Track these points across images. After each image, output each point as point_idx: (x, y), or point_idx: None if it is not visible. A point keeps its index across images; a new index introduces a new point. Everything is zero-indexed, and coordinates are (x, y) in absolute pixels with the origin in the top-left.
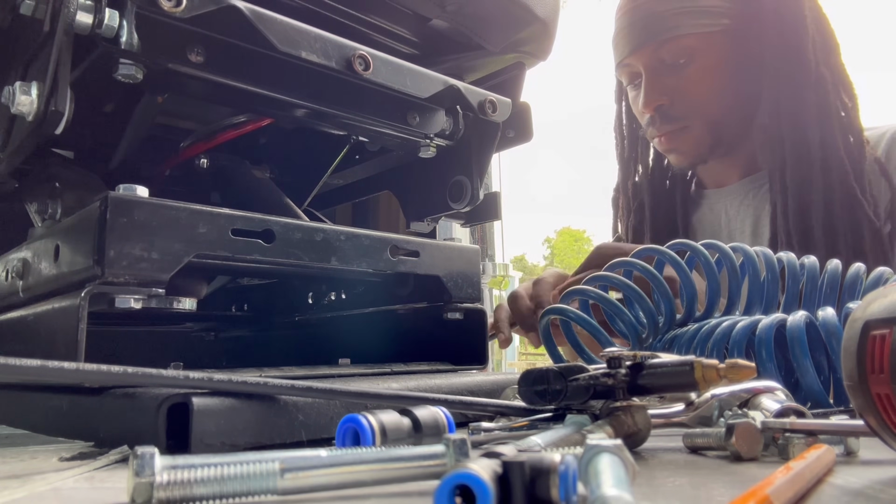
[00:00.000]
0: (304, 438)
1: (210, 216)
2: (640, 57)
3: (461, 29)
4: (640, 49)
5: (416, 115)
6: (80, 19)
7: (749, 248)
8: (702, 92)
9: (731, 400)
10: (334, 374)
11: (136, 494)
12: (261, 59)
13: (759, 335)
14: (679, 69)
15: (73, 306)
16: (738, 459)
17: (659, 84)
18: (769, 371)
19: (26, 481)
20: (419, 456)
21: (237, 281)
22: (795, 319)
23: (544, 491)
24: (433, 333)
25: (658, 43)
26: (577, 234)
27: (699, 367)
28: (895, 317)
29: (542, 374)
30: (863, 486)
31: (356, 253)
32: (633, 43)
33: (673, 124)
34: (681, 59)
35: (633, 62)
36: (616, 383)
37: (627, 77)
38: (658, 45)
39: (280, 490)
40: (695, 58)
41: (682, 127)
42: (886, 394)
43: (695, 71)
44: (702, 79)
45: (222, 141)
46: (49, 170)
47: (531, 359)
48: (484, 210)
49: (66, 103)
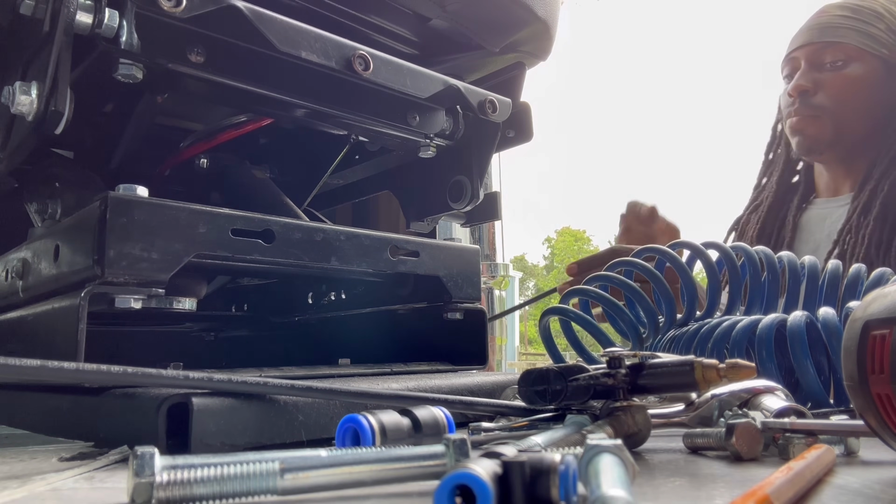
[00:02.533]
0: (304, 438)
1: (210, 216)
2: (805, 51)
3: (461, 29)
4: (808, 45)
5: (416, 115)
6: (80, 19)
7: (750, 248)
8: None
9: (731, 400)
10: (334, 374)
11: (136, 494)
12: (261, 59)
13: (759, 335)
14: (832, 69)
15: (72, 306)
16: (738, 459)
17: (810, 74)
18: (769, 371)
19: (26, 481)
20: (419, 456)
21: (237, 281)
22: (795, 319)
23: (544, 491)
24: (433, 333)
25: (825, 43)
26: (578, 234)
27: (699, 367)
28: (895, 317)
29: (543, 374)
30: (863, 486)
31: (356, 253)
32: (804, 39)
33: (808, 110)
34: (838, 61)
35: (799, 55)
36: (616, 383)
37: (789, 68)
38: (823, 45)
39: (280, 490)
40: (848, 64)
41: (815, 115)
42: (886, 394)
43: (843, 75)
44: (846, 84)
45: (222, 141)
46: (49, 170)
47: (531, 359)
48: (484, 210)
49: (66, 103)
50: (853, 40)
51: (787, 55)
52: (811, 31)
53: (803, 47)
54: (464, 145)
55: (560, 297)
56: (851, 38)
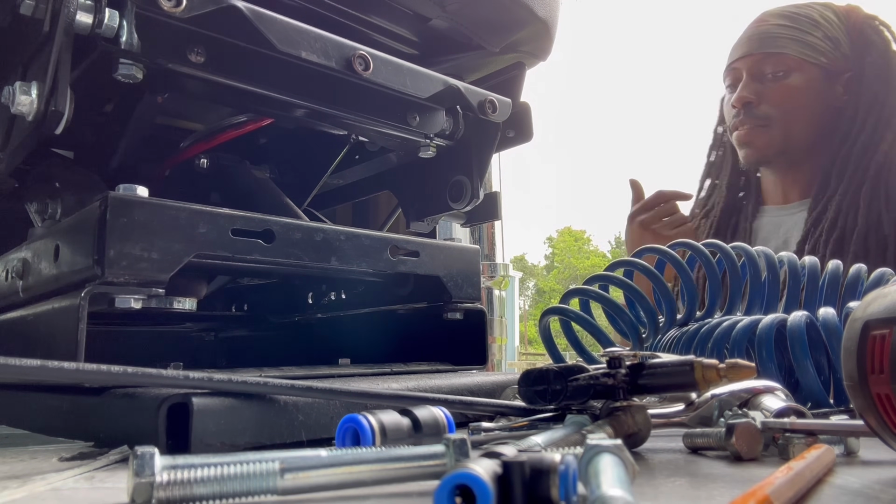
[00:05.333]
0: (304, 438)
1: (210, 216)
2: (746, 61)
3: (461, 29)
4: (749, 56)
5: (416, 115)
6: (80, 19)
7: (750, 248)
8: (785, 102)
9: (731, 400)
10: (334, 374)
11: (136, 494)
12: (261, 59)
13: (759, 335)
14: (774, 80)
15: (73, 306)
16: (738, 459)
17: (753, 86)
18: (769, 371)
19: (26, 481)
20: (419, 456)
21: (237, 281)
22: (795, 319)
23: (544, 491)
24: (433, 333)
25: (765, 54)
26: (578, 234)
27: (699, 367)
28: (895, 317)
29: (542, 373)
30: (863, 486)
31: (356, 253)
32: (745, 50)
33: (754, 120)
34: (779, 72)
35: (740, 66)
36: (616, 383)
37: (731, 79)
38: (764, 56)
39: (280, 490)
40: (789, 74)
41: (762, 125)
42: (886, 394)
43: (785, 84)
44: (788, 92)
45: (222, 141)
46: (49, 170)
47: (531, 359)
48: (484, 210)
49: (66, 103)
50: (792, 50)
51: (729, 65)
52: (751, 41)
53: (744, 58)
54: (464, 145)
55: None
56: (791, 49)
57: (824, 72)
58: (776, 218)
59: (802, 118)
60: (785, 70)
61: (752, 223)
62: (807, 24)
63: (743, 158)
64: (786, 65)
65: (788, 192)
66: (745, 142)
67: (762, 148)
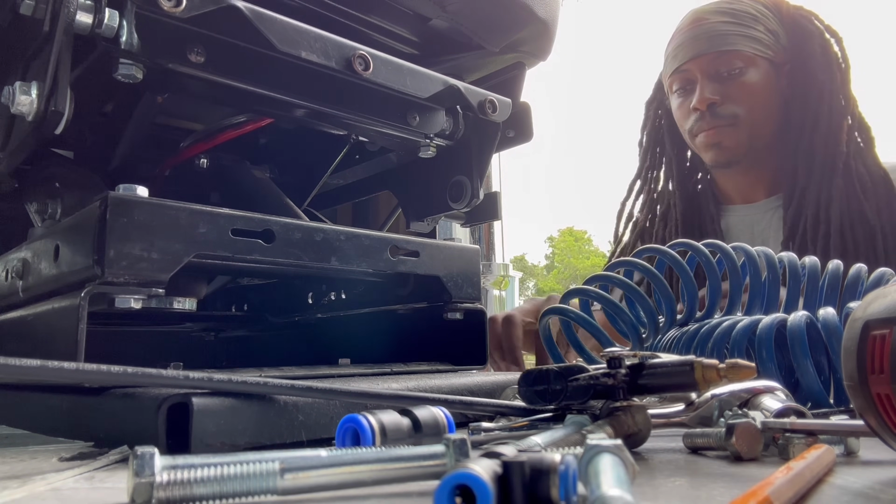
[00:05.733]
0: (304, 438)
1: (210, 216)
2: (699, 63)
3: (461, 29)
4: (700, 57)
5: (416, 115)
6: (80, 19)
7: (750, 248)
8: (747, 99)
9: (731, 400)
10: (334, 374)
11: (136, 494)
12: (261, 59)
13: (759, 335)
14: (731, 78)
15: (72, 306)
16: (738, 459)
17: (713, 86)
18: (769, 371)
19: (26, 481)
20: (419, 456)
21: (237, 281)
22: (796, 319)
23: (544, 491)
24: (433, 333)
25: (717, 53)
26: (579, 234)
27: (699, 367)
28: (895, 317)
29: (542, 374)
30: (863, 487)
31: (356, 253)
32: (694, 51)
33: (721, 120)
34: (734, 69)
35: (692, 67)
36: (616, 383)
37: (680, 82)
38: (717, 55)
39: (280, 490)
40: (745, 71)
41: (730, 123)
42: (886, 394)
43: (744, 82)
44: (748, 89)
45: (222, 141)
46: (49, 170)
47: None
48: (484, 210)
49: (66, 103)
50: (744, 46)
51: (677, 69)
52: (698, 41)
53: (696, 59)
54: (464, 145)
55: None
56: (742, 45)
57: (772, 65)
58: (746, 217)
59: (764, 114)
60: (741, 67)
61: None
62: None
63: (710, 161)
64: (740, 62)
65: (752, 189)
66: (713, 143)
67: (732, 148)
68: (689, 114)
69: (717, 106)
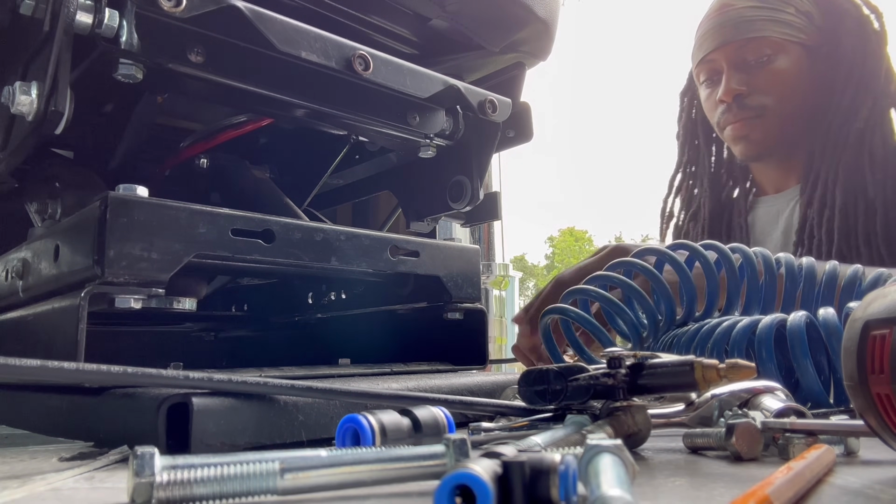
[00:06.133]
0: (304, 438)
1: (210, 216)
2: (724, 52)
3: (461, 29)
4: (726, 45)
5: (416, 115)
6: (80, 19)
7: (748, 249)
8: (777, 88)
9: (731, 400)
10: (334, 374)
11: (136, 494)
12: (261, 59)
13: (758, 335)
14: (759, 66)
15: (72, 306)
16: (738, 459)
17: (739, 76)
18: (769, 371)
19: (26, 481)
20: (419, 456)
21: (237, 281)
22: (795, 319)
23: (544, 491)
24: (433, 333)
25: (744, 41)
26: (579, 234)
27: (699, 367)
28: (895, 317)
29: (542, 374)
30: (863, 487)
31: (356, 253)
32: (720, 40)
33: (748, 112)
34: (762, 57)
35: (717, 57)
36: (616, 383)
37: (707, 73)
38: (744, 42)
39: (280, 490)
40: (774, 58)
41: (757, 115)
42: (887, 394)
43: (772, 69)
44: (778, 77)
45: (222, 141)
46: (49, 170)
47: None
48: (484, 210)
49: (66, 103)
50: (772, 32)
51: (703, 59)
52: (724, 29)
53: (721, 48)
54: (464, 145)
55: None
56: (770, 31)
57: (805, 49)
58: (772, 207)
59: (795, 102)
60: (769, 54)
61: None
62: (777, 1)
63: (740, 154)
64: (769, 48)
65: (786, 178)
66: (741, 136)
67: (760, 140)
68: (717, 105)
69: (743, 97)
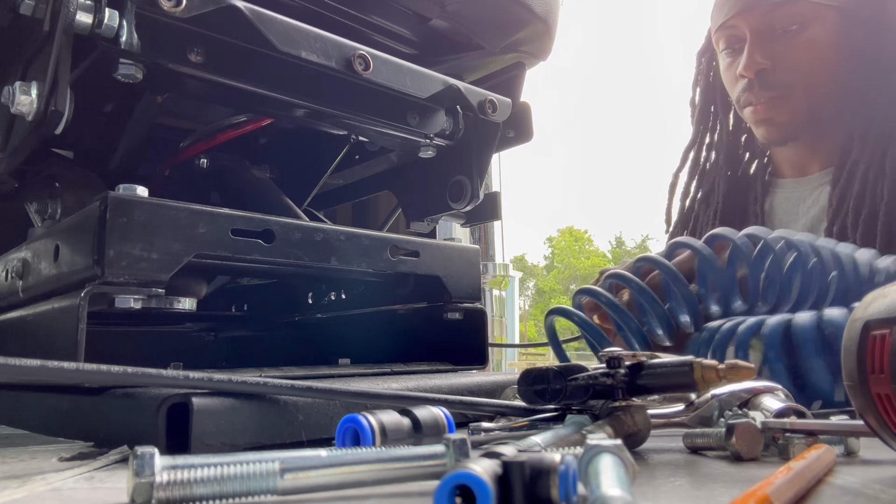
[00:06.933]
0: (304, 438)
1: (210, 216)
2: (748, 18)
3: (461, 29)
4: (751, 10)
5: (415, 115)
6: (79, 19)
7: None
8: (808, 62)
9: (731, 400)
10: (334, 374)
11: (136, 494)
12: (261, 59)
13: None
14: (788, 36)
15: (72, 306)
16: (738, 459)
17: (764, 47)
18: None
19: (26, 481)
20: (419, 456)
21: (237, 281)
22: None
23: (544, 491)
24: (433, 333)
25: (772, 6)
26: (579, 234)
27: (698, 367)
28: (895, 317)
29: (542, 373)
30: (863, 486)
31: (356, 253)
32: (743, 3)
33: (772, 91)
34: (792, 25)
35: (739, 23)
36: (615, 383)
37: (726, 41)
38: (771, 7)
39: (280, 490)
40: (806, 27)
41: (782, 95)
42: (887, 394)
43: (804, 40)
44: (810, 49)
45: (222, 141)
46: (49, 170)
47: (531, 359)
48: (484, 210)
49: (66, 103)
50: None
51: (723, 24)
52: None
53: (744, 13)
54: (464, 145)
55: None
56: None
57: (842, 14)
58: (794, 193)
59: (828, 79)
60: (800, 22)
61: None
62: None
63: (762, 138)
64: (800, 15)
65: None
66: (765, 118)
67: (786, 124)
68: (737, 80)
69: (768, 73)
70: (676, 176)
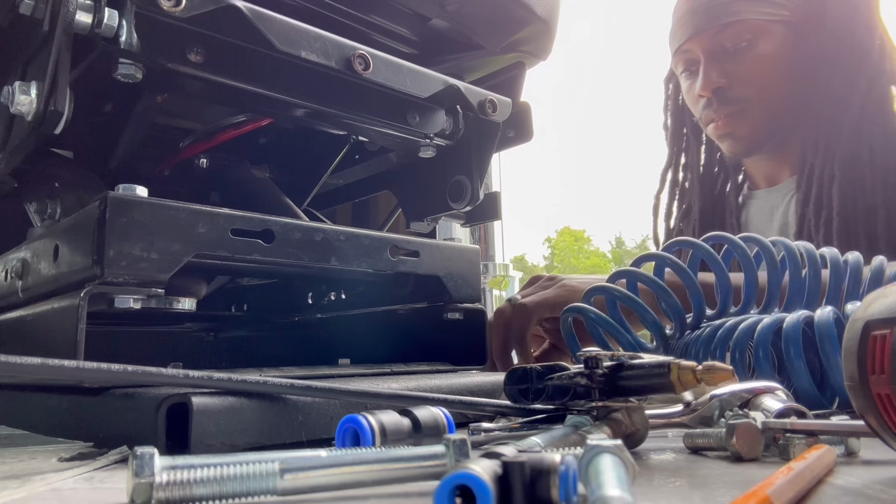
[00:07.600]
0: (304, 438)
1: (210, 216)
2: (699, 41)
3: (461, 29)
4: (701, 33)
5: (416, 114)
6: (79, 19)
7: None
8: (761, 76)
9: (731, 400)
10: (334, 374)
11: (135, 495)
12: (261, 59)
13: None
14: (739, 54)
15: (72, 306)
16: (738, 460)
17: (718, 67)
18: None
19: (26, 481)
20: (419, 456)
21: (237, 281)
22: (823, 315)
23: (544, 491)
24: (433, 333)
25: (720, 27)
26: (578, 233)
27: (675, 368)
28: (895, 317)
29: (526, 372)
30: (863, 487)
31: (356, 253)
32: (693, 27)
33: (731, 106)
34: (742, 42)
35: (692, 47)
36: (592, 384)
37: (684, 64)
38: (719, 28)
39: (280, 490)
40: (756, 43)
41: (741, 109)
42: (887, 394)
43: (755, 56)
44: (761, 64)
45: (222, 141)
46: (49, 170)
47: None
48: (484, 210)
49: (66, 103)
50: (751, 13)
51: (679, 48)
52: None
53: (696, 37)
54: (464, 145)
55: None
56: (748, 12)
57: (790, 27)
58: (767, 203)
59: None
60: (749, 39)
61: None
62: None
63: (727, 151)
64: (748, 33)
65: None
66: (726, 133)
67: (747, 136)
68: (698, 100)
69: (725, 90)
70: (658, 198)
